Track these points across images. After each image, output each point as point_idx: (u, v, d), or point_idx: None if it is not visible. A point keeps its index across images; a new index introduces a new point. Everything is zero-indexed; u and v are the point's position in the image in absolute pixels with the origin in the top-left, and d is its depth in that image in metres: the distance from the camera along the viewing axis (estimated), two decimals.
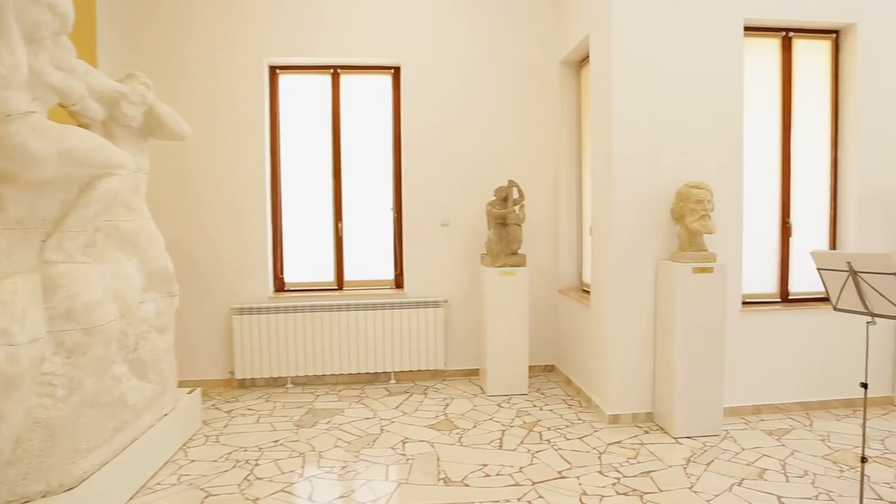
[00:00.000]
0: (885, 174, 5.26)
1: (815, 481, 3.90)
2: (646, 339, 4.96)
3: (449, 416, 5.13)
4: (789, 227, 5.34)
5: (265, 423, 4.95)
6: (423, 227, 6.18)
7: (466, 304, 6.26)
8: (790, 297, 5.37)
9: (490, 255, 5.74)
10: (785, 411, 5.19)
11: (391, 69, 6.21)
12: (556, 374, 6.40)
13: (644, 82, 4.83)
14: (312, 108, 6.18)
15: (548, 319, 6.45)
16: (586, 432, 4.75)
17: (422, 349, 6.07)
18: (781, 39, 5.28)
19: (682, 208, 4.71)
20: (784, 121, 5.32)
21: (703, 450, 4.39)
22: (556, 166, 6.36)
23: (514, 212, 5.69)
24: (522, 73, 6.27)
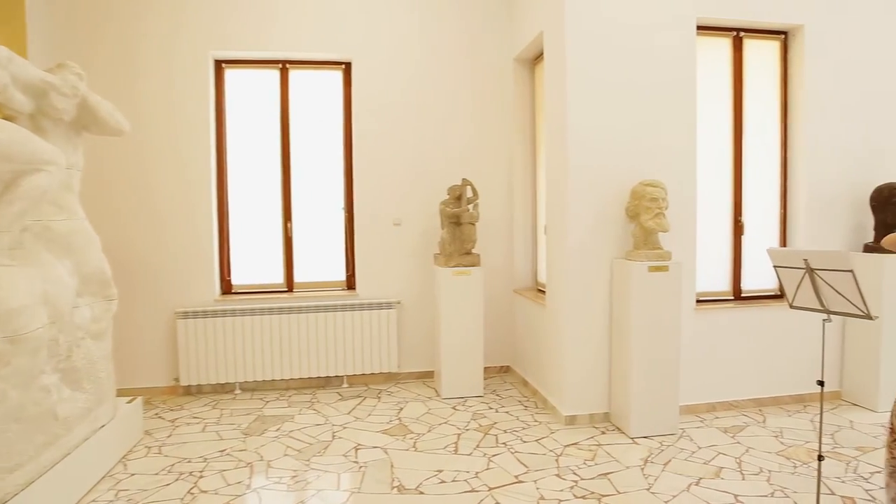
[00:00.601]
0: (832, 174, 5.34)
1: (771, 478, 3.91)
2: (602, 339, 4.92)
3: (403, 420, 5.00)
4: (741, 226, 5.38)
5: (211, 432, 4.74)
6: (376, 227, 6.04)
7: (420, 305, 6.14)
8: (743, 295, 5.41)
9: (444, 255, 5.63)
10: (739, 408, 5.22)
11: (342, 64, 6.05)
12: (512, 375, 6.33)
13: (599, 79, 4.79)
14: (260, 104, 5.97)
15: (503, 320, 6.38)
16: (543, 434, 4.68)
17: (375, 352, 5.93)
18: (733, 39, 5.31)
19: (637, 206, 4.68)
20: (736, 120, 5.35)
21: (659, 449, 4.37)
22: (511, 164, 6.30)
23: (467, 210, 5.60)
24: (476, 71, 6.18)
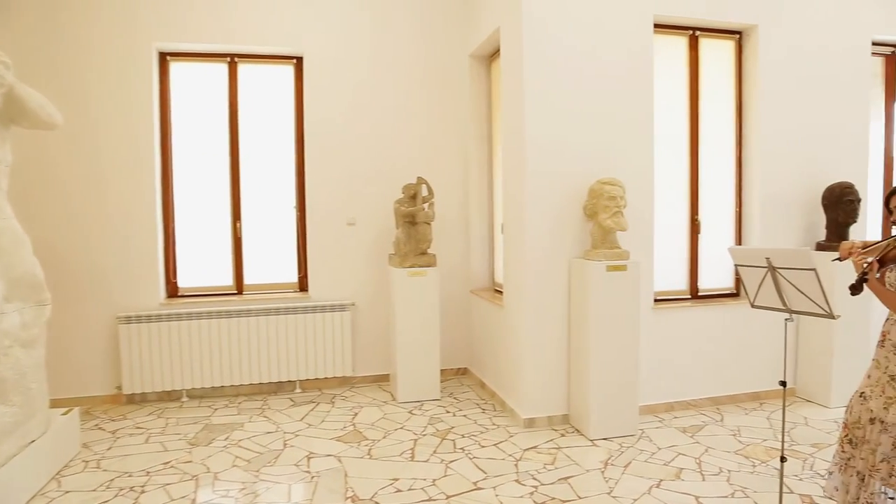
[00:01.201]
0: (786, 173, 5.38)
1: (731, 478, 3.89)
2: (560, 340, 4.84)
3: (357, 426, 4.85)
4: (698, 225, 5.37)
5: (155, 443, 4.51)
6: (328, 227, 5.86)
7: (375, 306, 5.99)
8: (700, 294, 5.41)
9: (398, 255, 5.49)
10: (697, 407, 5.22)
11: (293, 59, 5.85)
12: (469, 377, 6.23)
13: (556, 77, 4.71)
14: (208, 99, 5.73)
15: (460, 321, 6.27)
16: (501, 438, 4.58)
17: (328, 355, 5.75)
18: (689, 38, 5.30)
19: (595, 205, 4.62)
20: (692, 118, 5.35)
21: (619, 451, 4.31)
22: (467, 162, 6.19)
23: (423, 210, 5.47)
24: (431, 67, 6.06)
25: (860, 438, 2.99)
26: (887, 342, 2.93)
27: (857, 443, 3.01)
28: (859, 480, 2.98)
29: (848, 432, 3.08)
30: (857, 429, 3.02)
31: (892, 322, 2.92)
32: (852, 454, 3.04)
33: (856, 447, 3.02)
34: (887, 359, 2.91)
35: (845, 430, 3.10)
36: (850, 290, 2.66)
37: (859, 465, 2.98)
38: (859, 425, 3.00)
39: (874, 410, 2.90)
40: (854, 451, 3.03)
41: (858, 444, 3.00)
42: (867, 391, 3.00)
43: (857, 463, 3.00)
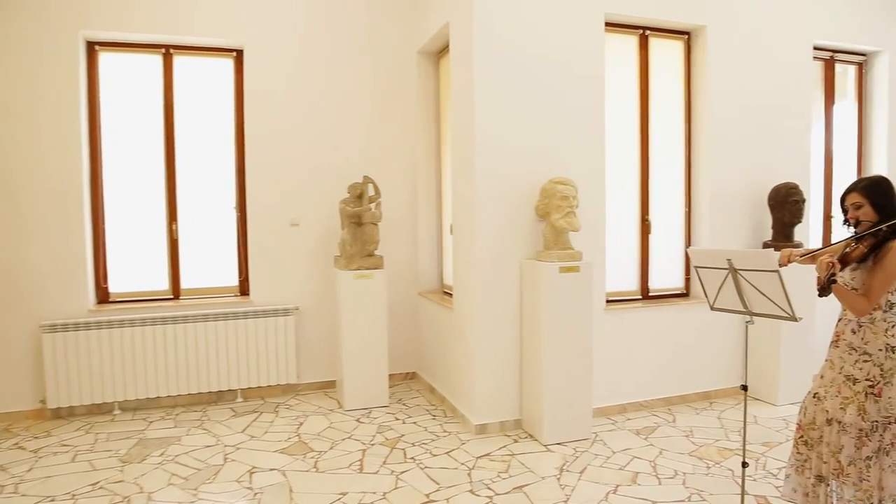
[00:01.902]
0: (733, 173, 5.41)
1: (686, 481, 3.85)
2: (512, 343, 4.74)
3: (303, 436, 4.63)
4: (648, 225, 5.35)
5: (83, 462, 4.18)
6: (271, 228, 5.61)
7: (320, 310, 5.77)
8: (650, 294, 5.39)
9: (344, 257, 5.29)
10: (649, 408, 5.19)
11: (233, 52, 5.58)
12: (419, 381, 6.07)
13: (507, 74, 4.60)
14: (141, 93, 5.40)
15: (408, 324, 6.11)
16: (453, 446, 4.44)
17: (271, 362, 5.51)
18: (639, 37, 5.27)
19: (548, 205, 4.52)
20: (642, 118, 5.32)
21: (574, 456, 4.23)
22: (415, 161, 6.03)
23: (369, 210, 5.28)
24: (378, 63, 5.87)
25: (816, 439, 2.96)
26: (841, 342, 2.91)
27: (812, 444, 2.99)
28: (816, 481, 2.95)
29: (802, 433, 3.05)
30: (811, 430, 2.99)
31: (845, 322, 2.90)
32: (808, 455, 3.02)
33: (811, 448, 2.99)
34: (842, 359, 2.89)
35: (799, 432, 3.08)
36: (819, 291, 2.61)
37: (816, 466, 2.95)
38: (814, 426, 2.98)
39: (830, 411, 2.88)
40: (810, 452, 3.00)
41: (814, 446, 2.97)
42: (821, 391, 2.97)
43: (814, 464, 2.97)
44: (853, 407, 2.79)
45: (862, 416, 2.76)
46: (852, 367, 2.83)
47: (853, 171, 6.32)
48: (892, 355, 2.78)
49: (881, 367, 2.76)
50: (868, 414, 2.75)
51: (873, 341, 2.79)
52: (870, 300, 2.71)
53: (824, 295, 2.61)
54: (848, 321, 2.89)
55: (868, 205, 2.80)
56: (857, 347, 2.83)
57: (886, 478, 2.77)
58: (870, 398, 2.76)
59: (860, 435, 2.77)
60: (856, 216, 2.84)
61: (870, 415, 2.75)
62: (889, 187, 2.83)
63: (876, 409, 2.75)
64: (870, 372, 2.78)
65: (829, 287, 2.59)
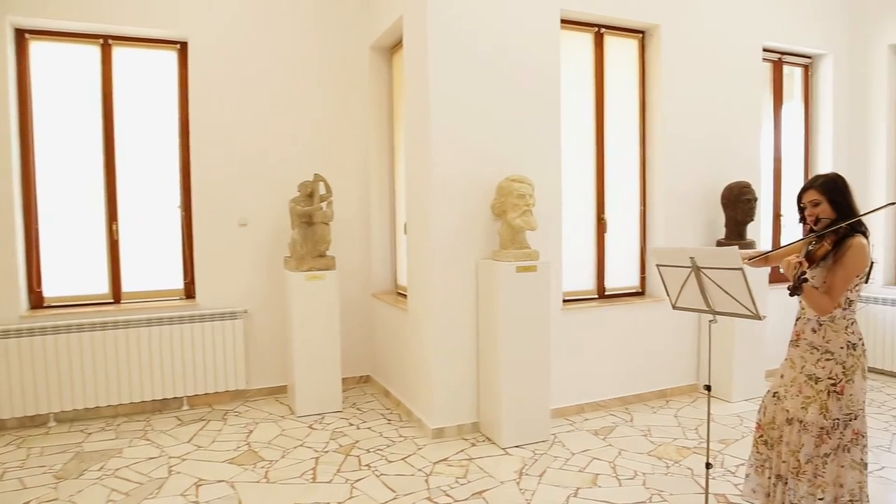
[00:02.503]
0: (686, 172, 5.44)
1: (646, 482, 3.82)
2: (468, 345, 4.64)
3: (253, 445, 4.44)
4: (604, 223, 5.32)
5: (12, 480, 3.89)
6: (218, 228, 5.39)
7: (270, 313, 5.57)
8: (606, 294, 5.36)
9: (295, 258, 5.12)
10: (606, 408, 5.17)
11: (176, 44, 5.33)
12: (373, 385, 5.93)
13: (463, 70, 4.50)
14: (77, 85, 5.11)
15: (361, 326, 5.96)
16: (409, 451, 4.32)
17: (219, 368, 5.29)
18: (594, 35, 5.24)
19: (504, 203, 4.44)
20: (598, 116, 5.30)
21: (533, 459, 4.15)
22: (367, 159, 5.89)
23: (320, 209, 5.12)
24: (329, 58, 5.70)
25: (776, 439, 2.95)
26: (801, 342, 2.90)
27: (772, 444, 2.98)
28: (777, 481, 2.94)
29: (762, 433, 3.04)
30: (771, 429, 2.98)
31: (805, 321, 2.89)
32: (768, 455, 3.00)
33: (771, 448, 2.98)
34: (803, 358, 2.88)
35: (759, 431, 3.07)
36: (791, 291, 2.57)
37: (776, 466, 2.94)
38: (774, 426, 2.97)
39: (791, 411, 2.87)
40: (770, 451, 2.99)
41: (774, 445, 2.96)
42: (781, 391, 2.96)
43: (774, 464, 2.96)
44: (815, 406, 2.78)
45: (824, 414, 2.76)
46: (814, 366, 2.82)
47: (801, 170, 6.43)
48: (854, 352, 2.78)
49: (843, 364, 2.76)
50: (830, 412, 2.75)
51: (834, 339, 2.78)
52: (832, 298, 2.70)
53: (797, 294, 2.58)
54: (808, 320, 2.87)
55: (826, 202, 2.79)
56: (819, 346, 2.82)
57: (845, 474, 2.77)
58: (832, 396, 2.76)
59: (821, 433, 2.76)
60: (814, 214, 2.82)
61: (832, 413, 2.75)
62: (845, 184, 2.83)
63: (838, 406, 2.75)
64: (832, 370, 2.77)
65: (800, 286, 2.56)
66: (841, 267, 2.69)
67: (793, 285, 2.55)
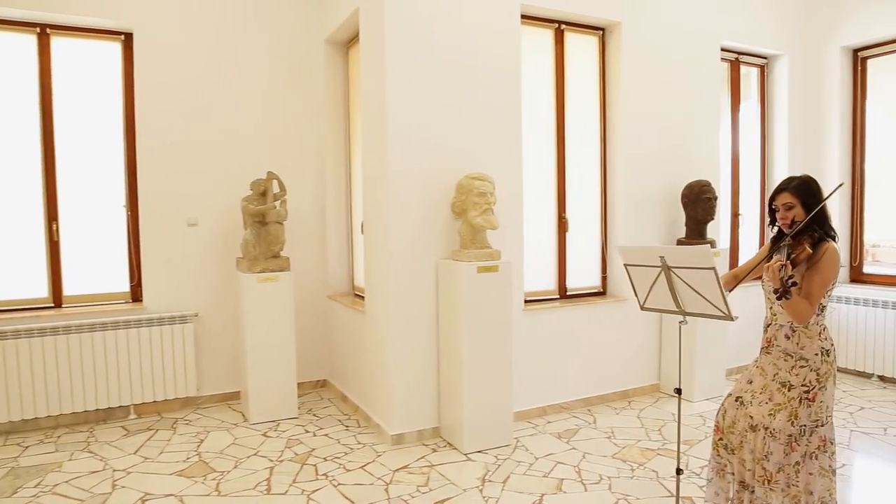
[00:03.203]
0: (647, 170, 5.41)
1: (612, 486, 3.75)
2: (428, 347, 4.51)
3: (203, 455, 4.23)
4: (565, 223, 5.25)
5: None
6: (166, 228, 5.15)
7: (221, 316, 5.34)
8: (568, 294, 5.30)
9: (247, 259, 4.92)
10: (569, 410, 5.10)
11: (120, 35, 5.07)
12: (330, 389, 5.75)
13: (421, 66, 4.37)
14: (11, 77, 4.81)
15: (317, 329, 5.77)
16: (368, 458, 4.17)
17: (168, 374, 5.06)
18: (555, 31, 5.17)
19: (464, 202, 4.33)
20: (558, 113, 5.23)
21: (496, 465, 4.05)
22: (322, 156, 5.71)
23: (274, 208, 4.93)
24: (283, 52, 5.51)
25: (736, 445, 2.88)
26: (774, 349, 2.83)
27: (732, 448, 2.91)
28: (740, 488, 2.89)
29: (721, 436, 2.98)
30: (731, 434, 2.92)
31: (777, 328, 2.82)
32: (728, 460, 2.94)
33: (732, 453, 2.92)
34: (776, 365, 2.80)
35: (718, 434, 3.00)
36: (780, 296, 2.50)
37: (739, 472, 2.88)
38: (734, 430, 2.90)
39: (755, 417, 2.79)
40: (730, 457, 2.93)
41: (735, 451, 2.89)
42: (745, 396, 2.89)
43: (736, 470, 2.90)
44: (784, 413, 2.71)
45: (792, 421, 2.69)
46: (788, 373, 2.76)
47: (757, 170, 6.48)
48: (827, 359, 2.73)
49: (817, 371, 2.70)
50: (799, 419, 2.69)
51: (809, 346, 2.72)
52: (811, 304, 2.64)
53: (785, 298, 2.50)
54: (780, 326, 2.81)
55: (799, 205, 2.72)
56: (793, 353, 2.76)
57: (814, 482, 2.72)
58: (803, 403, 2.69)
59: (789, 441, 2.70)
60: (788, 216, 2.75)
61: (800, 419, 2.69)
62: (818, 187, 2.77)
63: (807, 413, 2.70)
64: (806, 377, 2.71)
65: (789, 290, 2.48)
66: (818, 273, 2.64)
67: (782, 290, 2.47)
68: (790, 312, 2.66)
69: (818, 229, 2.70)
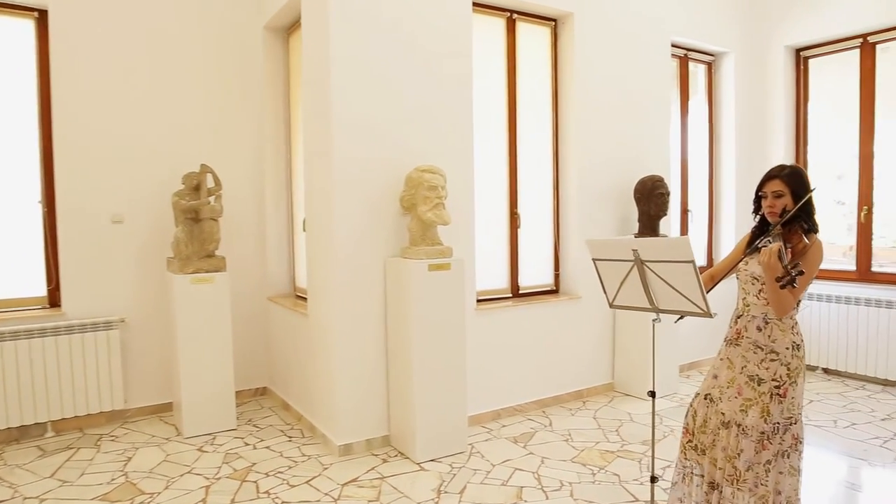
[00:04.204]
0: (599, 165, 5.31)
1: (574, 492, 3.58)
2: (377, 350, 4.25)
3: (131, 475, 3.84)
4: (518, 219, 5.07)
5: None
6: (87, 226, 4.71)
7: (151, 322, 4.94)
8: (521, 292, 5.12)
9: (179, 259, 4.55)
10: (523, 412, 4.92)
11: (34, 11, 4.60)
12: (271, 397, 5.41)
13: (367, 54, 4.10)
14: None
15: (256, 334, 5.43)
16: (314, 472, 3.87)
17: (91, 386, 4.62)
18: (507, 21, 4.98)
19: (414, 196, 4.08)
20: (510, 106, 5.05)
21: (452, 474, 3.82)
22: (261, 149, 5.37)
23: (208, 203, 4.58)
24: (218, 38, 5.15)
25: (708, 444, 2.76)
26: (743, 340, 2.71)
27: (703, 449, 2.78)
28: (709, 489, 2.74)
29: (691, 438, 2.84)
30: (703, 434, 2.79)
31: (748, 319, 2.71)
32: (699, 461, 2.81)
33: (703, 454, 2.79)
34: (745, 358, 2.69)
35: (687, 436, 2.87)
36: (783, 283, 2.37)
37: (709, 472, 2.74)
38: (706, 430, 2.77)
39: (727, 414, 2.69)
40: (701, 458, 2.80)
41: (706, 450, 2.76)
42: (714, 392, 2.78)
43: (706, 470, 2.76)
44: (756, 409, 2.61)
45: (765, 418, 2.59)
46: (757, 366, 2.65)
47: (706, 167, 6.45)
48: (798, 353, 2.64)
49: (788, 366, 2.61)
50: (771, 416, 2.59)
51: (780, 339, 2.62)
52: (795, 296, 2.54)
53: (793, 286, 2.37)
54: (752, 318, 2.70)
55: (789, 194, 2.61)
56: (764, 346, 2.65)
57: (783, 481, 2.62)
58: (774, 399, 2.60)
59: (761, 438, 2.60)
60: (777, 205, 2.63)
61: (773, 417, 2.59)
62: (807, 178, 2.67)
63: (779, 410, 2.60)
64: (777, 371, 2.61)
65: (795, 279, 2.34)
66: (805, 265, 2.52)
67: (789, 278, 2.33)
68: (776, 301, 2.55)
69: (807, 220, 2.60)
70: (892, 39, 5.69)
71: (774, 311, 2.59)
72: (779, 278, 2.37)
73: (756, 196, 2.75)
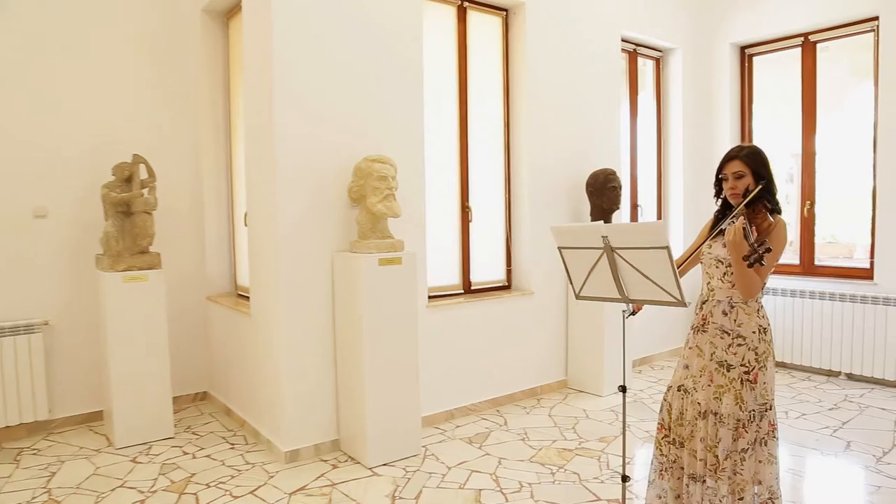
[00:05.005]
0: (551, 158, 5.24)
1: (534, 493, 3.46)
2: (325, 350, 4.04)
3: (55, 492, 3.51)
4: (469, 212, 4.93)
5: None
6: (6, 220, 4.33)
7: (78, 324, 4.58)
8: (473, 288, 4.97)
9: (109, 256, 4.23)
10: (477, 412, 4.78)
11: None
12: (211, 402, 5.11)
13: (312, 39, 3.89)
14: None
15: (195, 335, 5.13)
16: (259, 481, 3.63)
17: (10, 396, 4.24)
18: (457, 9, 4.84)
19: (363, 187, 3.88)
20: (461, 97, 4.91)
21: (406, 478, 3.64)
22: (198, 138, 5.08)
23: (141, 195, 4.29)
24: (153, 22, 4.85)
25: (686, 437, 2.67)
26: (710, 326, 2.64)
27: (682, 441, 2.69)
28: (690, 481, 2.66)
29: (667, 433, 2.76)
30: (679, 426, 2.70)
31: (714, 304, 2.64)
32: (677, 455, 2.72)
33: (681, 447, 2.70)
34: (713, 344, 2.62)
35: (662, 431, 2.78)
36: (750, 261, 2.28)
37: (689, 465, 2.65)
38: (682, 422, 2.69)
39: (703, 403, 2.63)
40: (679, 451, 2.71)
41: (685, 443, 2.68)
42: (688, 383, 2.70)
43: (686, 463, 2.67)
44: (730, 396, 2.55)
45: (740, 405, 2.55)
46: (725, 352, 2.59)
47: (654, 161, 6.45)
48: (765, 337, 2.59)
49: (756, 350, 2.56)
50: (746, 403, 2.54)
51: (746, 323, 2.56)
52: (762, 277, 2.48)
53: (759, 263, 2.28)
54: (717, 302, 2.63)
55: (750, 174, 2.55)
56: (730, 330, 2.58)
57: (763, 470, 2.57)
58: (746, 385, 2.55)
59: (738, 426, 2.55)
60: (738, 186, 2.57)
61: (748, 404, 2.54)
62: (766, 156, 2.61)
63: (752, 396, 2.55)
64: (745, 356, 2.55)
65: (762, 256, 2.25)
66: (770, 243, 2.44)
67: (757, 255, 2.24)
68: (743, 283, 2.49)
69: (770, 200, 2.53)
70: (832, 39, 5.80)
71: (741, 293, 2.53)
72: (746, 256, 2.30)
73: (717, 179, 2.69)
